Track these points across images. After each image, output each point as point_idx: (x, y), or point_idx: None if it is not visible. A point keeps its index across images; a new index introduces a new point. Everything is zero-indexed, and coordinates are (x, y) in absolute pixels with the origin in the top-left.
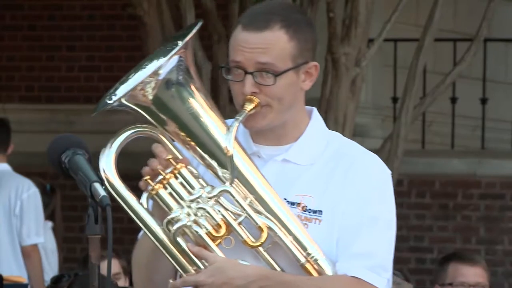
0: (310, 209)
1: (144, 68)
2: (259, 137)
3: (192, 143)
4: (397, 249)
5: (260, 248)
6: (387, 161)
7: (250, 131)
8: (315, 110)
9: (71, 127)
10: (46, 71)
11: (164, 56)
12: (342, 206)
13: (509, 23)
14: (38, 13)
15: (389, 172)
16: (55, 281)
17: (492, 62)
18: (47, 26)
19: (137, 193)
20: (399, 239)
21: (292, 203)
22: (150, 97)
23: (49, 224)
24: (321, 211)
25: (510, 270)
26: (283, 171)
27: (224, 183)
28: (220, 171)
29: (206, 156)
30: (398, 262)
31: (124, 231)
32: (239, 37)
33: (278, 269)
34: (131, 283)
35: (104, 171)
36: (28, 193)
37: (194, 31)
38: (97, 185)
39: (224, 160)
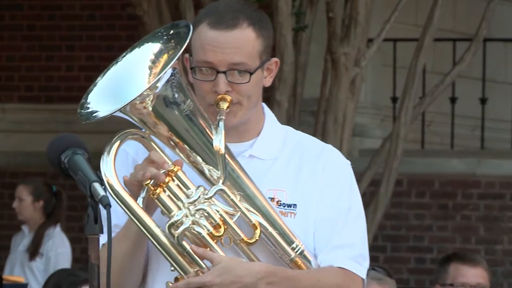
0: (284, 203)
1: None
2: None
3: (181, 144)
4: (397, 249)
5: (243, 245)
6: (387, 161)
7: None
8: (264, 104)
9: (70, 127)
10: (46, 71)
11: (164, 66)
12: (315, 199)
13: (509, 23)
14: (38, 13)
15: (349, 162)
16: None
17: (492, 62)
18: (46, 26)
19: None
20: (399, 239)
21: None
22: (150, 108)
23: (58, 227)
24: (295, 204)
25: (510, 270)
26: (250, 167)
27: (212, 182)
28: (207, 170)
29: (195, 156)
30: (398, 262)
31: None
32: (208, 36)
33: None
34: None
35: (105, 175)
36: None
37: (188, 40)
38: (96, 185)
39: (209, 159)
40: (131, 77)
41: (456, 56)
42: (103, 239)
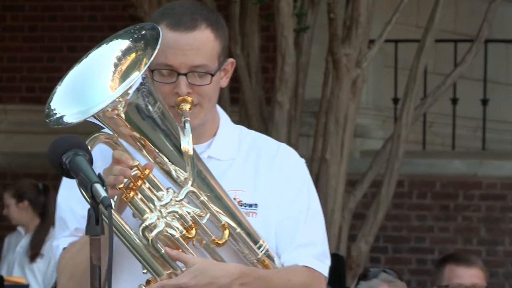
0: (245, 203)
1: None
2: None
3: (149, 146)
4: (398, 250)
5: (213, 245)
6: (388, 162)
7: None
8: (216, 104)
9: (71, 128)
10: (47, 72)
11: (136, 69)
12: (275, 198)
13: (510, 24)
14: (39, 14)
15: (304, 160)
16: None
17: (493, 63)
18: (48, 27)
19: None
20: (400, 240)
21: None
22: (122, 115)
23: None
24: (256, 204)
25: (511, 271)
26: (209, 168)
27: (178, 183)
28: (174, 171)
29: (162, 157)
30: (399, 263)
31: None
32: (168, 38)
33: None
34: None
35: None
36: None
37: (159, 44)
38: (98, 186)
39: (177, 160)
40: (95, 77)
41: (458, 57)
42: (63, 243)
